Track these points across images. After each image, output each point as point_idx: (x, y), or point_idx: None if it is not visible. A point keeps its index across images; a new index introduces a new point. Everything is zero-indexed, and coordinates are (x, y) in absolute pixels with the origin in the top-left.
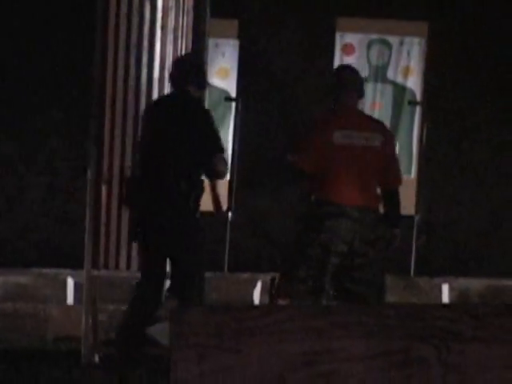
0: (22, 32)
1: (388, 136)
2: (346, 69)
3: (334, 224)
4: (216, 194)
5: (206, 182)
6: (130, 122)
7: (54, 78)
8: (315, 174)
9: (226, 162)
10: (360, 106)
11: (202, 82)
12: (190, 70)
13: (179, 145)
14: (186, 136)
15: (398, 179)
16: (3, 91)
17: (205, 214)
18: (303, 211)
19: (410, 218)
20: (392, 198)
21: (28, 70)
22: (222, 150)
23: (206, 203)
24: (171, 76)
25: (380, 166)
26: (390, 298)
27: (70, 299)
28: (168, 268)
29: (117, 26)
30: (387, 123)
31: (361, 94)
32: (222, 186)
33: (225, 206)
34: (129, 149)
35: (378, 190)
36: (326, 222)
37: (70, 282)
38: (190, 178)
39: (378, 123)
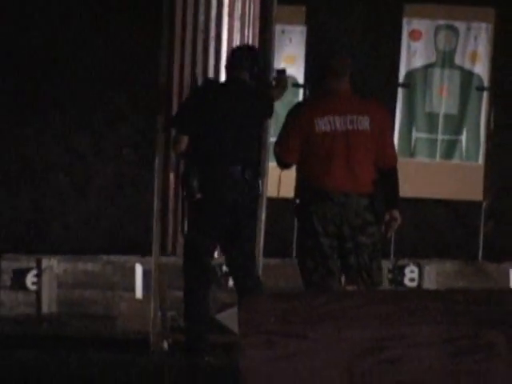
0: (88, 19)
1: (378, 116)
2: (332, 53)
3: (320, 207)
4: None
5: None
6: None
7: (120, 66)
8: (300, 163)
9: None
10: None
11: (254, 71)
12: (245, 59)
13: (244, 132)
14: (249, 123)
15: (392, 158)
16: (70, 81)
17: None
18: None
19: (478, 203)
20: (388, 179)
21: (94, 58)
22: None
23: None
24: (227, 64)
25: (371, 148)
26: (458, 283)
27: (138, 286)
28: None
29: (184, 13)
30: (454, 109)
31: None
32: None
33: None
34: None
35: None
36: (311, 207)
37: (139, 269)
38: (254, 165)
39: (367, 105)
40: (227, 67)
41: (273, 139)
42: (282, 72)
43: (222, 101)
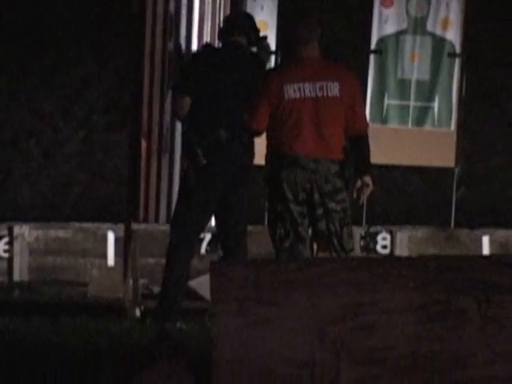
0: None
1: (347, 83)
2: (300, 20)
3: (290, 174)
4: None
5: None
6: (167, 78)
7: (90, 33)
8: (271, 130)
9: None
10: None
11: (252, 37)
12: (243, 23)
13: (238, 95)
14: (248, 87)
15: (361, 124)
16: (38, 45)
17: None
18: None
19: (450, 169)
20: (358, 145)
21: (62, 22)
22: None
23: None
24: (223, 28)
25: (341, 114)
26: (431, 250)
27: (110, 253)
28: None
29: None
30: (426, 76)
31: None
32: None
33: None
34: (168, 103)
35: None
36: (281, 174)
37: (110, 236)
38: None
39: (336, 71)
40: (223, 31)
41: None
42: (264, 38)
43: (223, 65)
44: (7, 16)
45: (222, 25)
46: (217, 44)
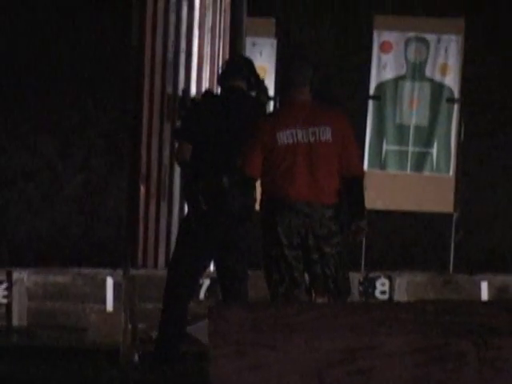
0: (56, 24)
1: (339, 126)
2: (293, 63)
3: (284, 218)
4: None
5: None
6: (166, 120)
7: (89, 75)
8: (264, 176)
9: None
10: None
11: (252, 80)
12: (243, 68)
13: (237, 142)
14: (242, 131)
15: (356, 168)
16: (37, 86)
17: None
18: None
19: (449, 215)
20: (353, 189)
21: (64, 65)
22: None
23: None
24: (223, 73)
25: (334, 158)
26: (429, 294)
27: (109, 299)
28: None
29: (154, 24)
30: (425, 121)
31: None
32: None
33: None
34: (166, 146)
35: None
36: (276, 218)
37: (109, 282)
38: None
39: (328, 115)
40: (223, 76)
41: None
42: (262, 82)
43: (224, 111)
44: (6, 56)
45: (221, 69)
46: (216, 89)
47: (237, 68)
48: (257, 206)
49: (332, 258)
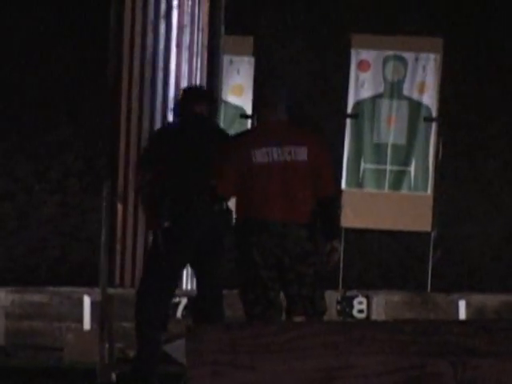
0: (35, 48)
1: (316, 147)
2: (268, 83)
3: (259, 239)
4: None
5: None
6: (144, 140)
7: (65, 95)
8: (239, 195)
9: None
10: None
11: (210, 104)
12: (200, 93)
13: (207, 163)
14: (210, 155)
15: (329, 188)
16: (14, 108)
17: None
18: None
19: (427, 234)
20: (327, 209)
21: (40, 86)
22: None
23: None
24: (181, 101)
25: (310, 178)
26: (407, 313)
27: (86, 318)
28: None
29: (131, 43)
30: (403, 139)
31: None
32: None
33: None
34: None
35: (314, 203)
36: (251, 238)
37: (86, 300)
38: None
39: (304, 135)
40: (185, 103)
41: None
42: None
43: (185, 137)
44: None
45: (180, 97)
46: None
47: (197, 93)
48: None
49: (308, 278)
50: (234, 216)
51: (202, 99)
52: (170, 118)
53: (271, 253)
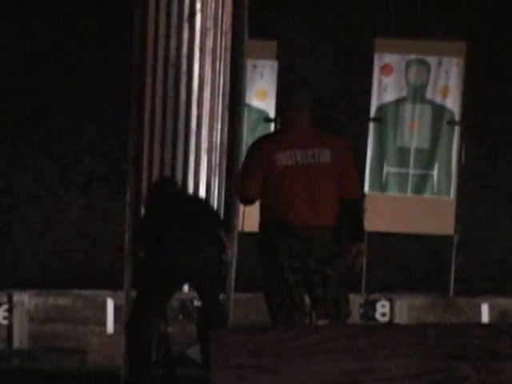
0: (60, 51)
1: (340, 150)
2: (294, 87)
3: (285, 242)
4: None
5: None
6: (168, 144)
7: (90, 99)
8: (263, 197)
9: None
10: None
11: None
12: None
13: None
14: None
15: (354, 191)
16: (40, 113)
17: None
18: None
19: (449, 237)
20: (351, 211)
21: (65, 90)
22: None
23: None
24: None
25: (334, 181)
26: (430, 317)
27: (109, 321)
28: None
29: (155, 47)
30: (426, 143)
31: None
32: None
33: None
34: (167, 170)
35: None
36: (276, 242)
37: (110, 304)
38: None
39: (327, 138)
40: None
41: None
42: None
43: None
44: (8, 83)
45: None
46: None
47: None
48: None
49: (334, 280)
50: (258, 219)
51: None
52: (193, 122)
53: (297, 256)
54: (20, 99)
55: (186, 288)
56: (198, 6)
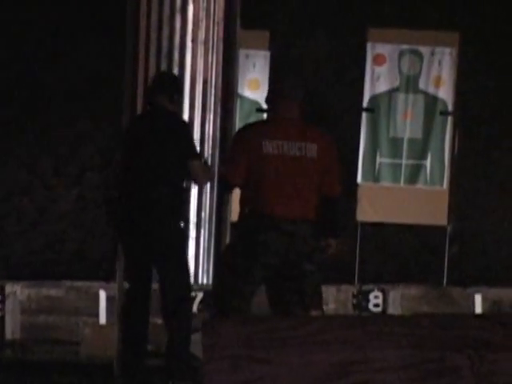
0: (52, 43)
1: (326, 146)
2: (286, 79)
3: (267, 237)
4: None
5: None
6: None
7: (83, 89)
8: (247, 185)
9: (203, 169)
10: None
11: (172, 94)
12: (161, 82)
13: (158, 157)
14: (162, 147)
15: (335, 188)
16: (33, 103)
17: None
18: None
19: (443, 228)
20: (330, 207)
21: (57, 81)
22: (196, 156)
23: None
24: (147, 89)
25: (317, 176)
26: (423, 307)
27: (102, 312)
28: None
29: (147, 38)
30: (418, 134)
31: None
32: None
33: None
34: None
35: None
36: (258, 236)
37: (102, 295)
38: (170, 187)
39: (316, 133)
40: (147, 93)
41: None
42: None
43: (142, 129)
44: (1, 74)
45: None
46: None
47: (159, 84)
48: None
49: (312, 275)
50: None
51: (160, 90)
52: (185, 113)
53: (276, 252)
54: (12, 90)
55: None
56: None
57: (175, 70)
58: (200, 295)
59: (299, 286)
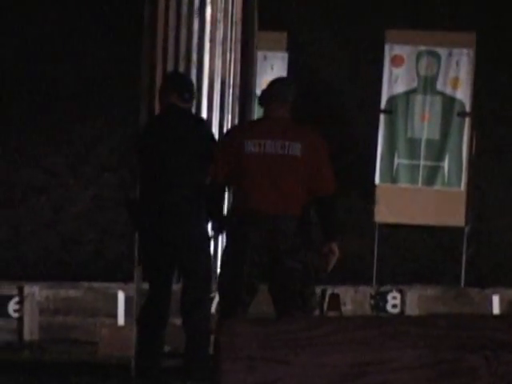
0: (69, 42)
1: (311, 144)
2: (276, 81)
3: (248, 233)
4: None
5: None
6: None
7: (99, 89)
8: (231, 184)
9: None
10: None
11: (184, 94)
12: (170, 82)
13: (179, 157)
14: (183, 148)
15: (326, 187)
16: (49, 103)
17: None
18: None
19: (460, 229)
20: (325, 208)
21: (74, 80)
22: None
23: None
24: (160, 90)
25: (303, 174)
26: (440, 308)
27: (120, 313)
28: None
29: (165, 38)
30: (436, 135)
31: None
32: None
33: None
34: None
35: (306, 199)
36: (241, 232)
37: (121, 296)
38: (192, 187)
39: (302, 133)
40: (160, 94)
41: None
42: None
43: (161, 130)
44: (17, 73)
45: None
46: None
47: (169, 85)
48: None
49: (297, 273)
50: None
51: (171, 89)
52: (204, 114)
53: (256, 248)
54: (29, 89)
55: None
56: None
57: (193, 71)
58: (217, 297)
59: (283, 283)
